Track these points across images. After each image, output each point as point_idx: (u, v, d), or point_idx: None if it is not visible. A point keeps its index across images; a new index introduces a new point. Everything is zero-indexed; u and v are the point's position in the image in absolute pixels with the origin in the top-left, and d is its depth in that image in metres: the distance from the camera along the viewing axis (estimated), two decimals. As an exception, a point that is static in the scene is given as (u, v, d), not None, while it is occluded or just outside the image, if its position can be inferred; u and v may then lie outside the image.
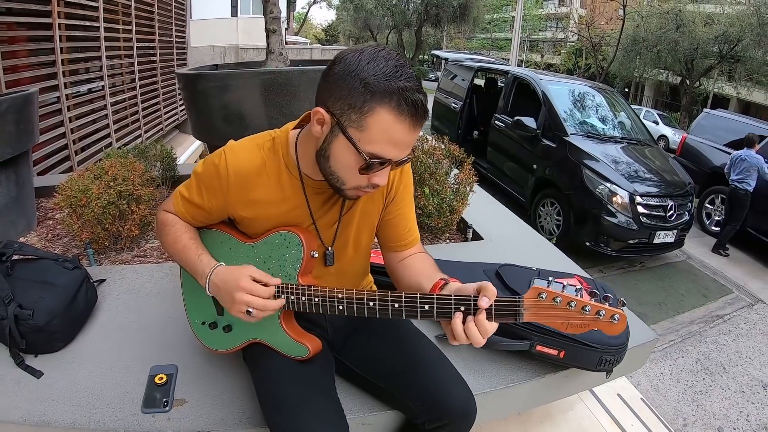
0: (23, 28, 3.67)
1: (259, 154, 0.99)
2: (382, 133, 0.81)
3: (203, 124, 2.02)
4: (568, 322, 0.82)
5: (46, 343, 1.39)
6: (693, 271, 5.23)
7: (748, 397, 3.13)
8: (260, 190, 1.00)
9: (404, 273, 1.09)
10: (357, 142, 0.83)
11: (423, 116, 0.82)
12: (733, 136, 6.65)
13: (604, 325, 0.80)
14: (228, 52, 14.33)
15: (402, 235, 1.12)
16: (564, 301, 0.80)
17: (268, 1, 2.05)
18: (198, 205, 1.05)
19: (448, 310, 0.86)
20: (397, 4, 24.68)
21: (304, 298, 0.98)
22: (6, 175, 2.22)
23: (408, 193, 1.12)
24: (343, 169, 0.88)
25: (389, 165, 0.86)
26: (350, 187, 0.91)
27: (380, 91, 0.79)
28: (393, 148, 0.83)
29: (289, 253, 1.01)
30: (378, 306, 0.92)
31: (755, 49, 15.19)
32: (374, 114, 0.80)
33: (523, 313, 0.83)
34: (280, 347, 1.08)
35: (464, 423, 1.06)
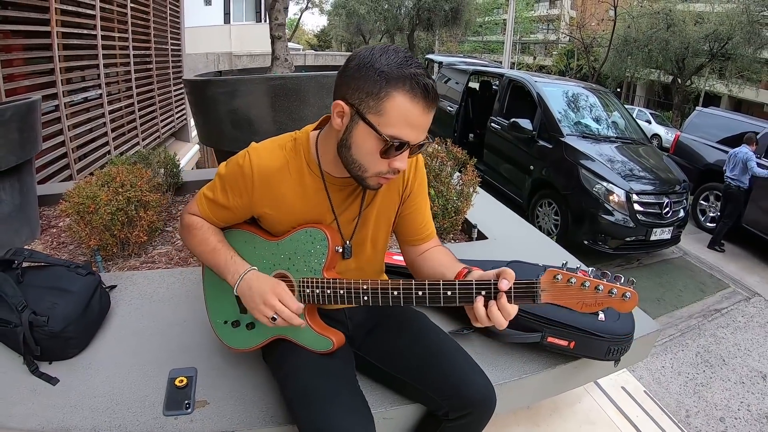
0: (21, 36, 3.67)
1: (282, 154, 1.04)
2: (399, 115, 0.87)
3: (211, 130, 2.04)
4: (583, 301, 0.86)
5: (61, 349, 1.39)
6: (690, 266, 5.29)
7: (748, 388, 3.18)
8: (283, 188, 1.04)
9: (424, 265, 1.14)
10: (377, 126, 0.88)
11: (435, 99, 0.88)
12: (725, 134, 6.75)
13: (617, 302, 0.85)
14: (221, 59, 14.35)
15: (419, 229, 1.17)
16: (578, 282, 0.85)
17: (273, 8, 2.08)
18: (223, 206, 1.08)
19: (470, 295, 0.90)
20: (389, 8, 24.78)
21: (330, 291, 1.02)
22: (10, 183, 2.22)
23: (423, 188, 1.18)
24: (364, 155, 0.92)
25: (407, 148, 0.90)
26: (372, 174, 0.94)
27: (394, 77, 0.85)
28: (410, 130, 0.88)
29: (314, 249, 1.04)
30: (402, 294, 0.96)
31: (745, 47, 15.39)
32: (390, 98, 0.86)
33: (541, 294, 0.87)
34: (304, 342, 1.10)
35: (486, 411, 1.09)
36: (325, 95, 1.92)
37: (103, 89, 4.97)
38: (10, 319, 1.35)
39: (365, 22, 24.91)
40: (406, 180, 1.13)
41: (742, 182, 5.50)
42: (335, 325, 1.16)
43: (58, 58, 3.97)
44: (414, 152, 0.94)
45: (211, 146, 2.25)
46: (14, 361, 1.36)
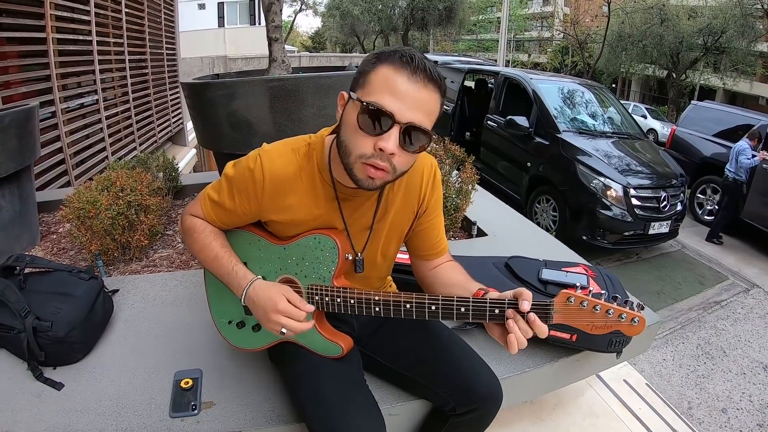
0: (16, 43, 3.67)
1: (295, 160, 1.00)
2: (382, 84, 0.84)
3: (211, 132, 2.05)
4: (593, 323, 0.88)
5: (65, 354, 1.39)
6: (688, 259, 5.31)
7: (749, 379, 3.20)
8: (294, 196, 1.01)
9: (436, 282, 1.12)
10: (360, 97, 0.85)
11: (423, 71, 0.83)
12: (721, 127, 6.78)
13: (625, 327, 0.86)
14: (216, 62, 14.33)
15: (433, 244, 1.15)
16: (590, 305, 0.86)
17: (270, 10, 2.08)
18: (229, 209, 1.04)
19: (483, 313, 0.90)
20: (383, 9, 24.77)
21: (340, 299, 1.01)
22: (9, 189, 2.22)
23: (438, 204, 1.15)
24: (349, 132, 0.87)
25: (393, 124, 0.83)
26: (356, 157, 0.87)
27: (386, 53, 0.86)
28: (392, 99, 0.82)
29: (324, 256, 1.02)
30: (415, 308, 0.95)
31: (739, 40, 15.47)
32: (376, 71, 0.85)
33: (554, 315, 0.88)
34: (313, 347, 1.09)
35: (493, 406, 1.10)
36: (323, 96, 1.92)
37: (99, 95, 4.96)
38: (13, 325, 1.35)
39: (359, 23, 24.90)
40: (423, 195, 1.09)
41: (739, 175, 5.53)
42: (341, 325, 1.16)
43: (53, 64, 3.96)
44: (411, 143, 0.86)
45: (210, 149, 2.25)
46: (19, 367, 1.36)
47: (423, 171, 1.08)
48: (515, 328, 0.87)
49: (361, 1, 23.71)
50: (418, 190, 1.08)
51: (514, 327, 0.87)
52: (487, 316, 0.90)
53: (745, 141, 5.55)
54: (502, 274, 1.61)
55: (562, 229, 4.95)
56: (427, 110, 0.85)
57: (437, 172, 1.12)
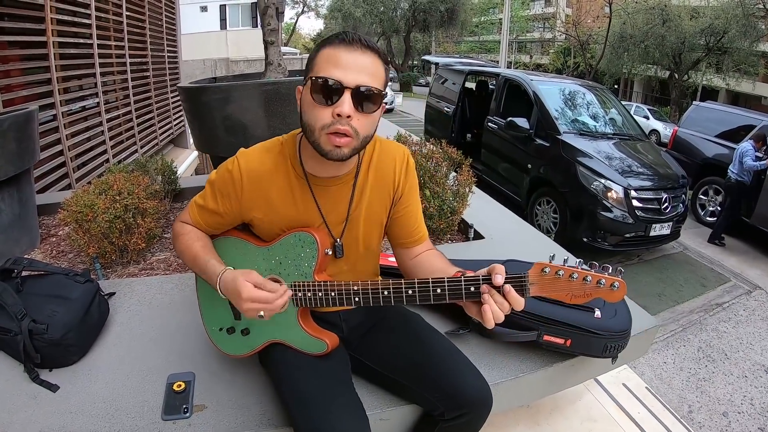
0: (17, 47, 3.69)
1: (270, 157, 1.07)
2: (325, 60, 0.92)
3: (206, 136, 2.05)
4: (572, 293, 0.87)
5: (61, 356, 1.40)
6: (690, 261, 5.29)
7: (751, 382, 3.18)
8: (272, 191, 1.06)
9: (417, 270, 1.15)
10: (308, 77, 0.94)
11: (359, 41, 0.92)
12: (723, 128, 6.75)
13: (605, 293, 0.85)
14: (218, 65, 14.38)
15: (411, 231, 1.18)
16: (566, 274, 0.86)
17: (266, 13, 2.09)
18: (213, 211, 1.09)
19: (458, 291, 0.92)
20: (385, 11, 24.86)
21: (321, 293, 1.03)
22: (9, 193, 2.23)
23: (414, 191, 1.18)
24: (308, 112, 0.95)
25: (344, 89, 0.90)
26: (319, 130, 0.93)
27: (325, 39, 0.96)
28: (336, 69, 0.90)
29: (304, 252, 1.06)
30: (393, 294, 0.97)
31: (741, 40, 15.43)
32: (319, 54, 0.94)
33: (530, 287, 0.89)
34: (299, 345, 1.11)
35: (482, 412, 1.09)
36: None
37: (101, 98, 4.98)
38: (10, 327, 1.37)
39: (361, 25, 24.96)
40: (397, 182, 1.13)
41: (743, 177, 5.50)
42: (330, 328, 1.17)
43: (54, 67, 3.98)
44: (366, 105, 0.92)
45: (206, 153, 2.26)
46: (15, 369, 1.37)
47: (395, 159, 1.13)
48: (491, 301, 0.88)
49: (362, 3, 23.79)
50: (391, 177, 1.13)
51: (489, 300, 0.89)
52: (463, 295, 0.91)
53: (749, 143, 5.52)
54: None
55: (562, 230, 4.94)
56: (370, 72, 0.92)
57: (410, 159, 1.16)
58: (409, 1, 24.57)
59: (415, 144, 2.64)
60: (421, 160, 2.42)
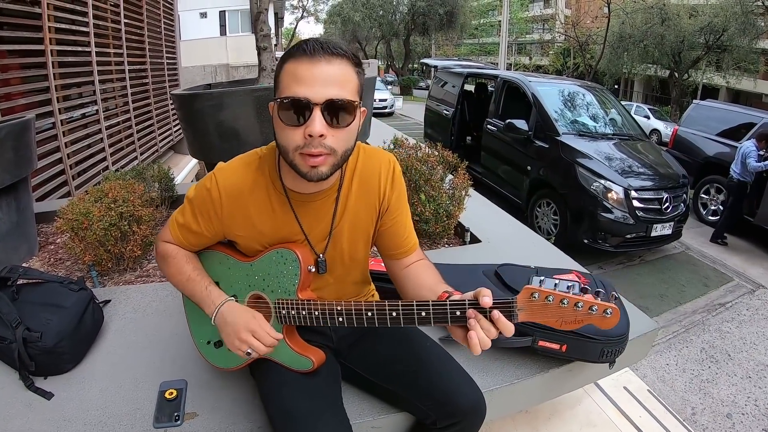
0: (15, 55, 3.71)
1: (248, 173, 1.02)
2: (288, 78, 0.87)
3: (200, 143, 2.05)
4: (562, 319, 0.83)
5: (55, 364, 1.40)
6: (692, 261, 5.25)
7: (755, 382, 3.14)
8: (252, 208, 1.03)
9: (408, 283, 1.11)
10: (274, 97, 0.89)
11: (321, 50, 0.85)
12: (724, 126, 6.71)
13: (597, 319, 0.82)
14: (219, 70, 14.42)
15: (400, 242, 1.14)
16: (556, 299, 0.82)
17: (258, 19, 2.09)
18: (194, 231, 1.07)
19: (444, 315, 0.89)
20: (384, 15, 24.93)
21: (305, 312, 1.01)
22: (6, 201, 2.24)
23: (402, 201, 1.13)
24: (279, 133, 0.90)
25: (312, 107, 0.84)
26: (293, 151, 0.88)
27: (287, 53, 0.89)
28: (299, 85, 0.85)
29: (287, 270, 1.03)
30: (376, 315, 0.94)
31: (741, 38, 15.42)
32: (283, 70, 0.89)
33: (518, 313, 0.85)
34: (284, 361, 1.09)
35: (476, 419, 1.08)
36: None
37: (99, 105, 5.00)
38: (5, 335, 1.38)
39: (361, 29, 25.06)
40: (383, 193, 1.08)
41: (744, 176, 5.47)
42: (319, 338, 1.16)
43: (53, 75, 4.00)
44: (340, 117, 0.87)
45: (201, 160, 2.26)
46: (10, 377, 1.38)
47: (380, 168, 1.08)
48: (477, 327, 0.85)
49: (362, 8, 23.86)
50: (376, 188, 1.08)
51: (475, 326, 0.85)
52: (449, 319, 0.88)
53: (752, 142, 5.49)
54: (491, 282, 1.59)
55: (563, 232, 4.92)
56: (339, 82, 0.86)
57: (396, 168, 1.11)
58: (408, 5, 24.64)
59: (411, 147, 2.63)
60: (416, 164, 2.41)
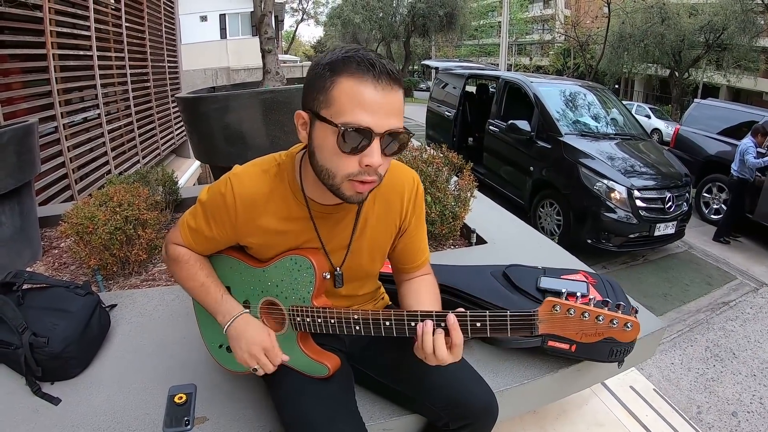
0: (17, 59, 3.71)
1: (266, 181, 0.98)
2: (348, 99, 0.79)
3: (205, 146, 2.05)
4: (582, 331, 0.84)
5: (62, 369, 1.39)
6: (695, 260, 5.25)
7: (760, 380, 3.14)
8: (268, 217, 0.99)
9: (407, 295, 1.12)
10: (329, 118, 0.81)
11: (386, 74, 0.79)
12: (725, 125, 6.72)
13: (618, 332, 0.82)
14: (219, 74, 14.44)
15: (412, 258, 1.14)
16: (578, 312, 0.82)
17: (262, 22, 2.09)
18: (207, 236, 1.04)
19: (464, 326, 0.90)
20: (384, 16, 24.96)
21: (320, 320, 1.00)
22: (10, 206, 2.23)
23: (421, 219, 1.13)
24: (328, 157, 0.84)
25: (375, 137, 0.80)
26: (342, 179, 0.84)
27: (338, 62, 0.80)
28: (364, 113, 0.79)
29: (301, 277, 1.01)
30: (395, 325, 0.94)
31: (741, 36, 15.44)
32: (336, 85, 0.80)
33: (539, 325, 0.85)
34: (300, 367, 1.08)
35: (488, 420, 1.08)
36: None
37: (102, 109, 5.01)
38: (11, 341, 1.37)
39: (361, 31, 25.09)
40: (404, 214, 1.07)
41: (743, 174, 5.47)
42: (333, 342, 1.15)
43: (55, 80, 4.01)
44: (391, 146, 0.84)
45: (206, 163, 2.26)
46: (17, 382, 1.37)
47: (404, 188, 1.05)
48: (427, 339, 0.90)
49: (362, 10, 23.90)
50: (399, 208, 1.06)
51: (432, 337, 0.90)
52: (469, 331, 0.89)
53: (749, 139, 5.49)
54: (500, 283, 1.59)
55: (566, 233, 4.92)
56: (398, 112, 0.83)
57: (419, 188, 1.09)
58: (408, 7, 24.68)
59: (416, 150, 2.63)
60: (421, 166, 2.41)
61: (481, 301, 1.52)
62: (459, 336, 0.88)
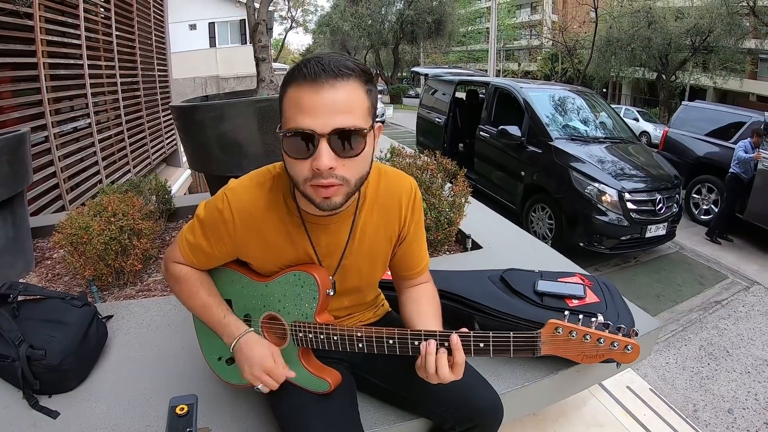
0: (7, 68, 3.68)
1: (261, 194, 0.98)
2: (290, 107, 0.81)
3: (201, 155, 2.04)
4: (584, 353, 0.86)
5: (60, 382, 1.38)
6: (687, 260, 5.31)
7: (754, 377, 3.18)
8: (266, 230, 0.99)
9: (406, 305, 1.14)
10: (279, 130, 0.84)
11: (323, 72, 0.78)
12: (712, 126, 6.82)
13: (618, 355, 0.84)
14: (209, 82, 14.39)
15: (411, 265, 1.14)
16: (579, 335, 0.84)
17: (256, 30, 2.10)
18: (206, 252, 1.03)
19: (467, 347, 0.91)
20: (373, 24, 25.07)
21: (323, 336, 1.00)
22: (2, 216, 2.21)
23: (420, 226, 1.13)
24: (289, 165, 0.86)
25: (317, 139, 0.79)
26: (303, 184, 0.85)
27: (286, 77, 0.83)
28: (303, 116, 0.79)
29: (304, 293, 1.01)
30: (398, 344, 0.95)
31: (727, 38, 15.69)
32: (285, 96, 0.82)
33: (541, 347, 0.87)
34: (300, 383, 1.07)
35: (494, 422, 1.08)
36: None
37: (92, 118, 4.97)
38: (7, 353, 1.35)
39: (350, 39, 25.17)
40: (403, 221, 1.07)
41: (735, 170, 5.55)
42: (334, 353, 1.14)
43: (45, 89, 3.97)
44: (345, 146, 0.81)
45: (201, 171, 2.25)
46: (14, 396, 1.35)
47: (402, 195, 1.05)
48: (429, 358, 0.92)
49: (350, 17, 23.99)
50: (397, 215, 1.06)
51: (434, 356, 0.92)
52: (472, 351, 0.92)
53: (746, 139, 5.59)
54: (497, 288, 1.60)
55: (558, 236, 4.95)
56: (345, 108, 0.80)
57: (417, 194, 1.09)
58: (396, 14, 24.82)
59: (410, 156, 2.64)
60: (416, 172, 2.42)
61: (480, 305, 1.53)
62: (461, 356, 0.90)
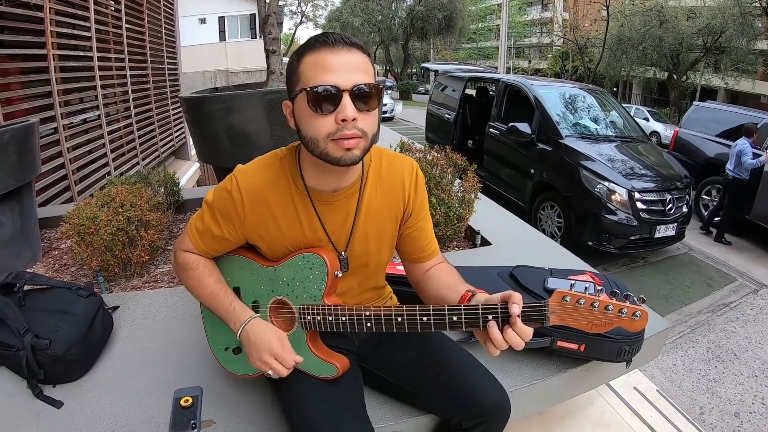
0: (17, 60, 3.70)
1: (269, 174, 1.02)
2: (312, 68, 0.88)
3: (209, 147, 2.04)
4: (593, 322, 0.84)
5: (64, 372, 1.38)
6: (696, 262, 5.25)
7: (761, 381, 3.14)
8: (274, 209, 1.02)
9: (429, 285, 1.11)
10: (299, 89, 0.90)
11: (341, 40, 0.88)
12: (723, 127, 6.74)
13: (627, 322, 0.83)
14: (218, 76, 14.45)
15: (423, 246, 1.14)
16: (587, 303, 0.83)
17: (266, 22, 2.09)
18: (217, 236, 1.05)
19: (476, 320, 0.88)
20: (383, 19, 25.01)
21: (331, 318, 1.00)
22: (10, 207, 2.22)
23: (424, 206, 1.14)
24: (308, 124, 0.90)
25: (341, 92, 0.86)
26: (325, 140, 0.88)
27: (302, 47, 0.91)
28: (326, 73, 0.86)
29: (313, 275, 1.01)
30: (407, 320, 0.93)
31: (739, 39, 15.48)
32: (302, 63, 0.90)
33: (549, 317, 0.86)
34: (308, 369, 1.07)
35: (501, 419, 1.07)
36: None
37: (101, 110, 5.00)
38: (12, 342, 1.35)
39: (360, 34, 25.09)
40: (407, 198, 1.09)
41: (739, 174, 5.49)
42: (341, 342, 1.14)
43: (55, 80, 3.99)
44: (364, 100, 0.88)
45: (209, 163, 2.24)
46: (18, 385, 1.35)
47: (404, 173, 1.09)
48: (509, 332, 0.86)
49: (360, 13, 23.95)
50: (401, 192, 1.08)
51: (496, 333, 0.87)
52: (480, 324, 0.88)
53: (745, 140, 5.51)
54: (507, 284, 1.58)
55: (567, 235, 4.91)
56: (362, 69, 0.89)
57: (419, 173, 1.12)
58: (406, 10, 24.74)
59: (419, 151, 2.63)
60: (425, 167, 2.40)
61: (488, 301, 1.51)
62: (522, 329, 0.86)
